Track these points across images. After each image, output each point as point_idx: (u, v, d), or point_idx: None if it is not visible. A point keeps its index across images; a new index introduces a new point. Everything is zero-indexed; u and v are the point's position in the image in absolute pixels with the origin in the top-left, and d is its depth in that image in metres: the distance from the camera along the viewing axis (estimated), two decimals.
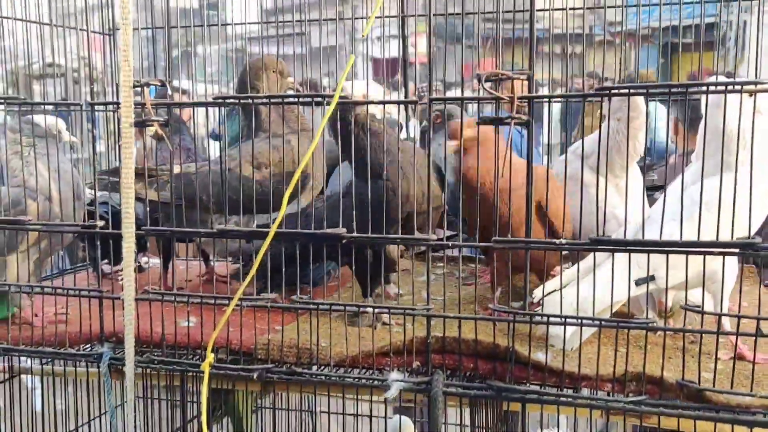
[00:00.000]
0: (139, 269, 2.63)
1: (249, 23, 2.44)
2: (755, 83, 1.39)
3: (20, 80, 2.15)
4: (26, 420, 2.24)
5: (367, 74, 1.84)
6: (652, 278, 1.62)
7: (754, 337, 1.48)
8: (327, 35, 2.24)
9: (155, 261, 2.79)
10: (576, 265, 1.74)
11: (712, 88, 1.48)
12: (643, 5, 2.28)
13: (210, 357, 1.67)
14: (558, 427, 2.39)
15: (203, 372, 1.66)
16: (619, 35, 1.81)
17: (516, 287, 2.03)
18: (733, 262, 1.67)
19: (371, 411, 2.24)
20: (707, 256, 1.48)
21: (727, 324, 1.58)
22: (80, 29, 1.91)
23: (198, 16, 2.14)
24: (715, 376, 1.48)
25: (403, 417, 2.46)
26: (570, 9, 1.93)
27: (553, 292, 1.64)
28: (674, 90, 1.43)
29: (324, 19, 2.35)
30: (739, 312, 1.52)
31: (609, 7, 2.16)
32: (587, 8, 1.94)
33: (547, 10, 1.73)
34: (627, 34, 1.91)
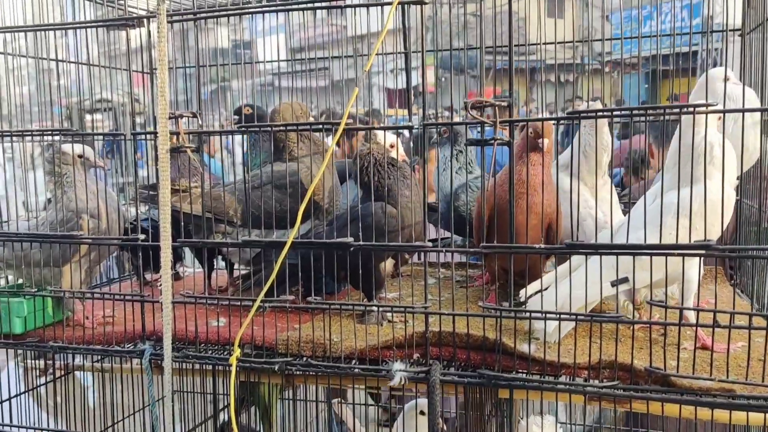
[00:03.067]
0: (177, 277, 2.73)
1: (276, 60, 2.53)
2: (706, 105, 1.46)
3: (74, 114, 2.28)
4: (81, 413, 2.36)
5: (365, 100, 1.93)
6: (626, 279, 1.68)
7: (719, 328, 1.53)
8: (346, 69, 2.34)
9: (190, 270, 2.90)
10: (561, 266, 1.81)
11: (668, 110, 1.55)
12: (630, 37, 2.34)
13: (237, 352, 1.76)
14: (552, 413, 2.46)
15: (231, 365, 1.76)
16: (608, 64, 1.87)
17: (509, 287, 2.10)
18: (697, 263, 1.73)
19: (375, 399, 2.31)
20: (675, 259, 1.55)
21: (692, 317, 1.64)
22: (123, 69, 2.02)
23: (232, 53, 2.24)
24: (678, 363, 1.54)
25: (421, 399, 2.50)
26: (557, 42, 2.01)
27: (537, 292, 1.72)
28: (635, 113, 1.51)
29: (345, 56, 2.46)
30: (697, 305, 1.58)
31: (597, 40, 2.24)
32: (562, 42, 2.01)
33: (522, 45, 1.81)
34: (615, 63, 1.99)
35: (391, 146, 1.87)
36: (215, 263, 2.43)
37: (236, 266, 2.35)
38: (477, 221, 2.01)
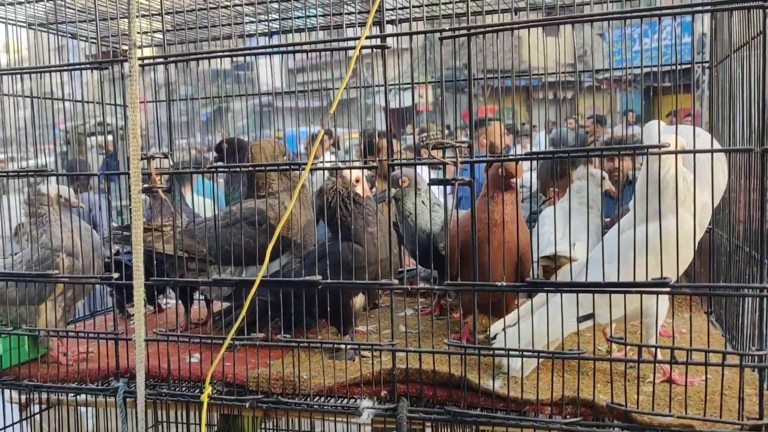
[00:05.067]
0: (160, 309, 2.78)
1: (273, 93, 2.59)
2: (659, 146, 1.51)
3: (73, 137, 2.35)
4: None
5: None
6: (591, 316, 1.72)
7: (681, 364, 1.57)
8: (347, 90, 2.39)
9: (173, 302, 2.94)
10: (527, 304, 1.85)
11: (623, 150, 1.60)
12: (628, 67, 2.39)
13: (208, 390, 1.80)
14: None
15: (203, 403, 1.80)
16: (605, 81, 1.91)
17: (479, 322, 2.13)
18: (662, 298, 1.76)
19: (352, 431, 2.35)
20: (635, 296, 1.58)
21: (659, 353, 1.67)
22: (96, 102, 2.05)
23: (231, 75, 2.28)
24: (638, 398, 1.57)
25: None
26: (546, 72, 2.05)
27: (504, 328, 1.76)
28: (591, 153, 1.55)
29: (311, 90, 2.49)
30: (651, 340, 1.61)
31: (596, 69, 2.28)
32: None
33: (492, 73, 1.83)
34: (612, 80, 2.02)
35: (356, 181, 1.92)
36: (193, 297, 2.47)
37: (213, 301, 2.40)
38: (453, 257, 2.05)
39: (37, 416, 2.48)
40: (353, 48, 1.68)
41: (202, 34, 2.42)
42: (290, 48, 1.70)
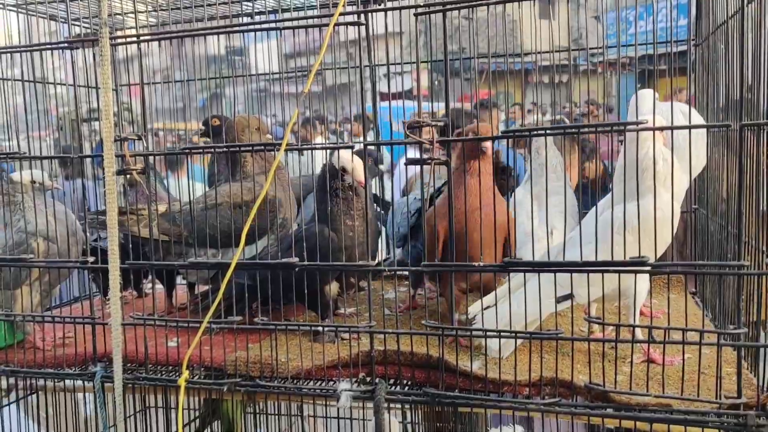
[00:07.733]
0: (140, 294, 2.75)
1: (270, 74, 2.55)
2: (627, 124, 1.49)
3: (67, 123, 2.31)
4: (72, 424, 2.36)
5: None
6: (571, 296, 1.70)
7: (659, 343, 1.55)
8: (340, 74, 2.35)
9: (158, 287, 2.91)
10: (506, 285, 1.84)
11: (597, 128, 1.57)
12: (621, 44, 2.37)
13: (185, 373, 1.78)
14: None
15: (180, 386, 1.78)
16: (601, 65, 1.89)
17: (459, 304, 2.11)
18: (641, 278, 1.74)
19: (338, 413, 2.34)
20: (614, 275, 1.56)
21: (639, 332, 1.66)
22: (69, 85, 2.00)
23: (225, 60, 2.25)
24: (616, 378, 1.56)
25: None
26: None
27: (483, 309, 1.74)
28: (567, 131, 1.53)
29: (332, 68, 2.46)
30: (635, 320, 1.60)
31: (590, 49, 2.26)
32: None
33: (482, 56, 1.79)
34: (607, 64, 2.00)
35: (344, 171, 1.87)
36: (174, 282, 2.45)
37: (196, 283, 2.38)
38: (430, 240, 2.02)
39: (35, 403, 2.46)
40: (326, 25, 1.64)
41: (197, 13, 2.37)
42: (266, 26, 1.66)
